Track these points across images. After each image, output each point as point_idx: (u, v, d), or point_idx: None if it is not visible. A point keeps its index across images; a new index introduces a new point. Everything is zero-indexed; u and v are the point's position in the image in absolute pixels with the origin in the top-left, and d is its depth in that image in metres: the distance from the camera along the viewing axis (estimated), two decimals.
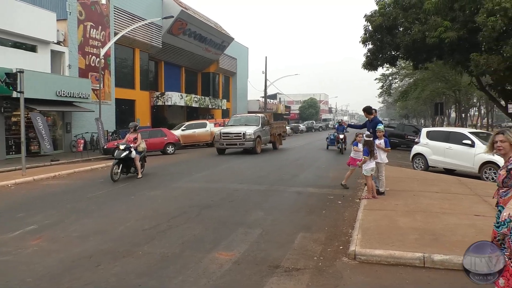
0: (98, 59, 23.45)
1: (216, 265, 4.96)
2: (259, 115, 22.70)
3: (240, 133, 19.30)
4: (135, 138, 12.29)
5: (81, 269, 4.88)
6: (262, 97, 50.66)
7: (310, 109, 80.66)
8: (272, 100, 64.19)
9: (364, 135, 9.31)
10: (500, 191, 3.64)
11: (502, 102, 21.22)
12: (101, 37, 25.02)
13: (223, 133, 19.77)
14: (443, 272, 4.74)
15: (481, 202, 8.09)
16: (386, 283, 4.45)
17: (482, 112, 58.57)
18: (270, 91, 53.73)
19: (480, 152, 12.34)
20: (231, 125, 21.21)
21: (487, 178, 11.93)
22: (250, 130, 19.49)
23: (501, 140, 3.63)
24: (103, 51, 22.65)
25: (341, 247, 5.62)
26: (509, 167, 3.53)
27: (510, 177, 3.48)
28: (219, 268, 4.86)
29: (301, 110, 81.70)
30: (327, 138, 23.31)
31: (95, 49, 24.29)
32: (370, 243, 5.40)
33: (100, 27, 24.93)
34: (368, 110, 9.75)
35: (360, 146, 9.51)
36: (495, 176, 11.73)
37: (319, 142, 29.47)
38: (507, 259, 3.35)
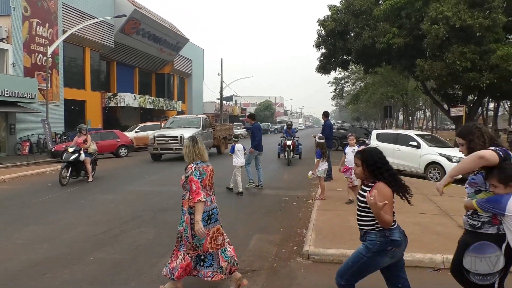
0: (45, 58, 22.39)
1: None
2: (201, 116, 20.82)
3: (177, 137, 17.14)
4: (85, 140, 11.85)
5: (27, 279, 4.64)
6: (218, 99, 50.48)
7: (266, 111, 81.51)
8: (228, 102, 64.20)
9: (316, 137, 9.55)
10: (182, 194, 4.19)
11: (445, 106, 22.49)
12: (48, 34, 23.90)
13: (158, 137, 17.47)
14: None
15: (426, 200, 8.54)
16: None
17: (427, 115, 61.77)
18: (226, 93, 53.64)
19: (425, 153, 13.01)
20: (168, 128, 19.10)
21: (431, 177, 12.58)
22: (188, 133, 17.06)
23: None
24: (50, 49, 21.67)
25: (295, 248, 5.72)
26: (186, 175, 4.05)
27: (188, 182, 3.99)
28: None
29: (257, 112, 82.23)
30: (279, 144, 19.03)
31: (42, 47, 23.16)
32: (323, 243, 5.54)
33: (47, 24, 23.81)
34: (251, 116, 11.51)
35: (348, 149, 8.65)
36: (439, 176, 12.42)
37: (274, 144, 29.70)
38: (185, 254, 4.04)
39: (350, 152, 8.45)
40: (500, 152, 2.89)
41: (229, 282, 4.28)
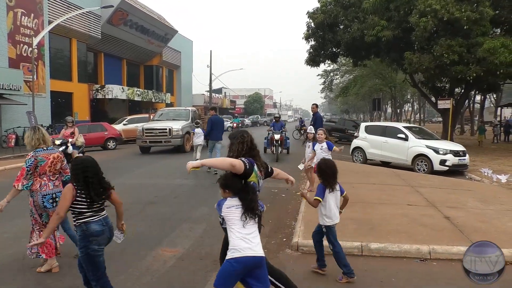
0: (30, 49, 21.98)
1: (160, 261, 4.88)
2: (190, 108, 20.73)
3: (166, 129, 17.05)
4: (72, 133, 11.71)
5: (13, 272, 4.61)
6: (207, 91, 50.21)
7: (255, 103, 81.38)
8: (217, 95, 63.89)
9: (308, 129, 9.59)
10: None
11: (433, 98, 22.68)
12: (33, 25, 23.45)
13: (146, 129, 17.35)
14: (378, 259, 5.02)
15: (413, 192, 8.64)
16: (326, 272, 4.62)
17: (415, 107, 62.32)
18: (215, 85, 53.36)
19: (413, 146, 13.14)
20: (156, 120, 18.94)
21: (419, 169, 12.72)
22: (177, 125, 17.30)
23: None
24: (36, 40, 21.25)
25: (284, 239, 5.75)
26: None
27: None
28: (163, 264, 4.79)
29: (246, 104, 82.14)
30: (265, 138, 17.38)
31: (27, 38, 22.72)
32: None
33: (32, 14, 23.35)
34: (212, 109, 13.05)
35: (317, 146, 8.12)
36: (426, 168, 12.57)
37: (260, 138, 29.74)
38: (39, 232, 4.54)
39: (319, 149, 7.94)
40: (247, 164, 3.32)
41: (44, 261, 4.64)
